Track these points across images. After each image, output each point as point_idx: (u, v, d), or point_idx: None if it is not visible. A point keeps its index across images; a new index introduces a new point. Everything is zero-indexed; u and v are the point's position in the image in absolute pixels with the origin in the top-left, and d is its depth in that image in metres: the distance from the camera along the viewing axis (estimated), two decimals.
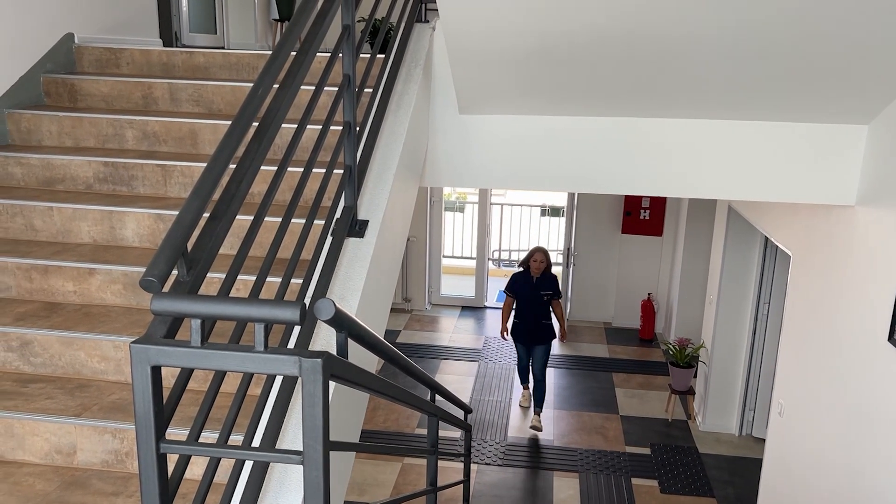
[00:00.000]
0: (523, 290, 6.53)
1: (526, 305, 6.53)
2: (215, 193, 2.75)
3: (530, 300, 6.49)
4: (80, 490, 2.01)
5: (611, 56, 2.95)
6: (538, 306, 6.50)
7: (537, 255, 6.43)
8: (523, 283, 6.53)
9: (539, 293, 6.46)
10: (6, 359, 2.39)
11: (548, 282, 6.51)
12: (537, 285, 6.47)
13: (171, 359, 1.18)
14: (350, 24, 2.36)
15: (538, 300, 6.47)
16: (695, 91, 3.25)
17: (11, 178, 3.12)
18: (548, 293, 6.49)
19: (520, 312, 6.60)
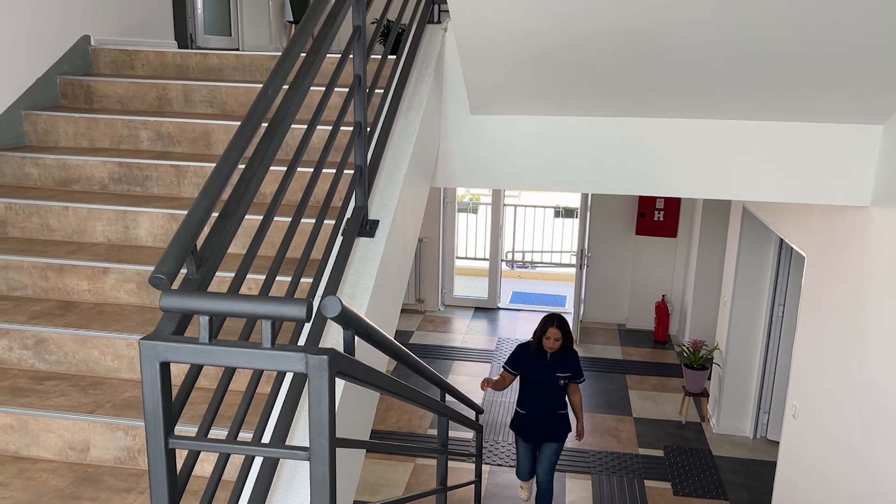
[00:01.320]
0: (532, 370, 4.83)
1: (535, 391, 4.87)
2: (225, 193, 2.78)
3: (542, 384, 4.83)
4: (92, 486, 2.04)
5: (624, 56, 2.95)
6: (552, 393, 4.85)
7: (552, 332, 4.70)
8: (532, 359, 4.83)
9: (554, 375, 4.81)
10: (22, 356, 2.42)
11: (567, 360, 4.84)
12: (553, 364, 4.81)
13: (179, 355, 1.19)
14: (361, 25, 2.37)
15: (553, 385, 4.83)
16: (709, 91, 3.23)
17: (28, 178, 3.16)
18: (565, 376, 4.84)
19: (526, 399, 4.93)
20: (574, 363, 4.86)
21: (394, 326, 2.78)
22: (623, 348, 8.33)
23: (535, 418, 4.90)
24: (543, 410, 4.86)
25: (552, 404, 4.88)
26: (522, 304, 9.79)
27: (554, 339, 4.70)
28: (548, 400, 4.85)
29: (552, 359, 4.79)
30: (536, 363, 4.81)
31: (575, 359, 4.87)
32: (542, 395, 4.85)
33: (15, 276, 2.66)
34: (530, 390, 4.88)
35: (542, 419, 4.88)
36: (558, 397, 4.89)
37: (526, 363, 4.86)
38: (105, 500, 1.97)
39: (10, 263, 2.66)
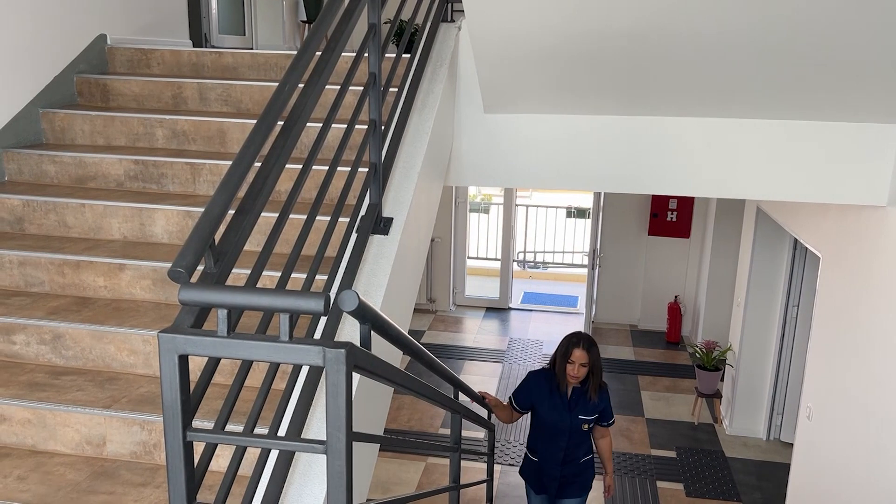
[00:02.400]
0: (547, 408, 3.75)
1: (550, 435, 3.79)
2: (241, 190, 2.79)
3: (559, 428, 3.75)
4: (109, 480, 2.05)
5: (639, 54, 2.94)
6: (573, 439, 3.78)
7: (577, 355, 3.60)
8: (548, 394, 3.75)
9: (577, 417, 3.73)
10: (39, 351, 2.45)
11: (591, 398, 3.73)
12: (575, 402, 3.73)
13: (198, 348, 1.20)
14: (376, 23, 2.38)
15: (574, 429, 3.75)
16: (724, 90, 3.22)
17: (45, 175, 3.18)
18: (589, 419, 3.76)
19: (539, 443, 3.86)
20: (603, 401, 3.75)
21: (407, 324, 2.79)
22: (635, 349, 8.30)
23: (551, 469, 3.83)
24: (561, 460, 3.79)
25: (573, 452, 3.80)
26: (534, 305, 9.77)
27: (579, 365, 3.56)
28: (567, 447, 3.77)
29: (575, 395, 3.69)
30: (552, 399, 3.70)
31: (605, 396, 3.76)
32: (558, 441, 3.75)
33: (32, 272, 2.69)
34: (544, 434, 3.78)
35: (558, 471, 3.82)
36: (581, 444, 3.80)
37: (539, 398, 3.74)
38: (121, 494, 1.98)
39: (27, 259, 2.68)
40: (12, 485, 2.01)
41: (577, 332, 3.68)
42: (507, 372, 7.70)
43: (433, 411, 6.74)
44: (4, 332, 2.44)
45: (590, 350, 3.59)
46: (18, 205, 2.94)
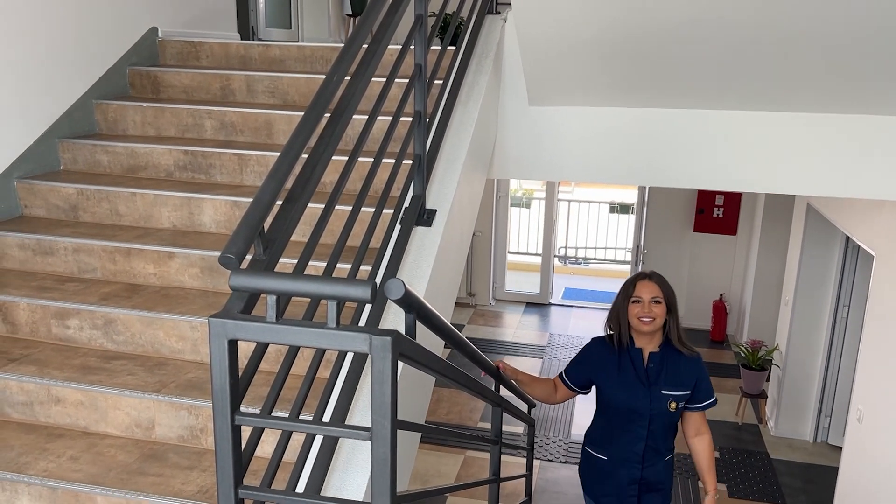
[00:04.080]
0: (613, 382, 2.83)
1: (624, 422, 2.83)
2: (289, 181, 2.82)
3: (636, 407, 2.79)
4: (157, 463, 2.10)
5: (689, 46, 2.89)
6: (656, 427, 2.81)
7: (644, 286, 2.75)
8: (614, 362, 2.83)
9: (659, 393, 2.77)
10: (91, 336, 2.51)
11: (679, 364, 2.80)
12: (656, 371, 2.79)
13: (247, 333, 1.21)
14: (422, 14, 2.38)
15: (657, 411, 2.78)
16: (776, 82, 3.14)
17: (98, 165, 3.26)
18: (680, 395, 2.79)
19: (607, 436, 2.90)
20: (694, 369, 2.76)
21: (449, 317, 2.79)
22: None
23: (627, 472, 2.83)
24: (641, 458, 2.81)
25: (656, 446, 2.81)
26: (575, 301, 9.70)
27: (650, 302, 2.66)
28: (648, 438, 2.79)
29: (655, 361, 2.75)
30: (623, 371, 2.76)
31: (697, 364, 2.78)
32: (636, 430, 2.78)
33: (86, 258, 2.76)
34: (615, 421, 2.81)
35: (637, 473, 2.83)
36: (668, 433, 2.82)
37: (604, 372, 2.81)
38: (169, 477, 2.03)
39: (81, 246, 2.76)
40: (66, 464, 2.07)
41: (646, 274, 2.80)
42: (546, 368, 7.66)
43: (472, 404, 6.75)
44: (59, 317, 2.52)
45: (661, 283, 2.73)
46: (73, 193, 3.02)
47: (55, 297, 2.56)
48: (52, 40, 3.24)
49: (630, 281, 2.79)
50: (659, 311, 2.71)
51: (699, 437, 2.89)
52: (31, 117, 3.17)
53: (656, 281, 2.75)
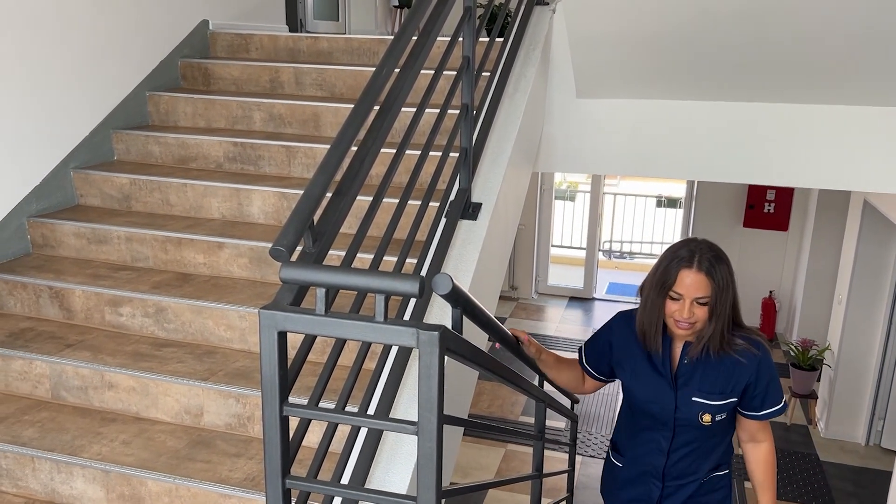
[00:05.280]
0: (633, 373, 2.22)
1: (646, 423, 2.23)
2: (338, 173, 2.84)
3: (657, 410, 2.18)
4: (205, 449, 2.14)
5: (742, 38, 2.81)
6: (683, 435, 2.18)
7: (689, 279, 1.96)
8: (637, 348, 2.19)
9: (688, 399, 2.12)
10: (143, 324, 2.57)
11: (724, 367, 2.09)
12: (687, 371, 2.12)
13: (296, 325, 1.22)
14: (472, 6, 2.36)
15: (683, 418, 2.14)
16: (832, 75, 3.04)
17: (151, 155, 3.33)
18: (713, 405, 2.10)
19: (631, 435, 2.32)
20: (746, 371, 2.07)
21: (493, 311, 2.78)
22: None
23: (642, 490, 2.27)
24: (661, 472, 2.22)
25: (685, 462, 2.19)
26: (619, 296, 9.59)
27: (691, 304, 1.97)
28: (672, 452, 2.19)
29: (686, 357, 2.10)
30: (645, 361, 2.16)
31: (751, 363, 2.07)
32: (657, 442, 2.20)
33: (138, 247, 2.82)
34: (639, 422, 2.24)
35: (657, 491, 2.25)
36: (702, 448, 2.18)
37: (624, 357, 2.21)
38: (217, 464, 2.07)
39: (133, 236, 2.82)
40: (118, 448, 2.13)
41: (690, 240, 2.02)
42: None
43: (514, 398, 6.73)
44: (112, 304, 2.58)
45: (713, 272, 1.93)
46: (126, 183, 3.09)
47: (109, 284, 2.63)
48: (109, 33, 3.31)
49: (671, 264, 1.96)
50: (703, 314, 1.99)
51: (754, 445, 2.19)
52: (88, 109, 3.24)
53: (706, 271, 1.93)
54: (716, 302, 1.98)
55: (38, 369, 2.38)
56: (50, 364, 2.36)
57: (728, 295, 2.00)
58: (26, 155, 2.94)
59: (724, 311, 2.01)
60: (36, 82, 2.96)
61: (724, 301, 2.00)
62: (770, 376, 2.09)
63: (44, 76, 2.99)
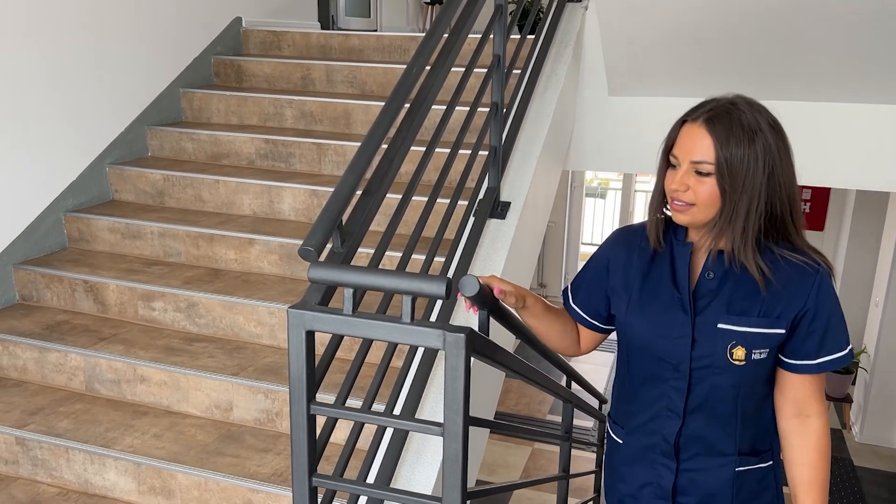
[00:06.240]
0: (634, 302, 1.51)
1: (649, 371, 1.51)
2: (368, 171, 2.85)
3: (667, 345, 1.45)
4: (234, 444, 2.17)
5: (781, 36, 2.76)
6: (701, 390, 1.45)
7: (689, 134, 1.38)
8: (641, 267, 1.51)
9: (713, 329, 1.42)
10: (175, 318, 2.61)
11: (770, 279, 1.38)
12: (711, 291, 1.43)
13: (324, 325, 1.23)
14: (503, 4, 2.35)
15: (708, 359, 1.43)
16: (872, 74, 2.97)
17: (184, 152, 3.37)
18: (753, 333, 1.40)
19: (624, 395, 1.62)
20: (800, 287, 1.41)
21: None
22: None
23: (644, 473, 1.58)
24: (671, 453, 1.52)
25: (709, 442, 1.50)
26: None
27: (688, 168, 1.38)
28: (687, 418, 1.49)
29: (712, 273, 1.45)
30: (651, 281, 1.51)
31: (805, 276, 1.41)
32: (667, 399, 1.50)
33: (171, 243, 2.86)
34: (638, 376, 1.56)
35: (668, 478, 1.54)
36: (734, 417, 1.48)
37: (621, 279, 1.56)
38: (245, 458, 2.09)
39: (167, 231, 2.86)
40: (149, 441, 2.16)
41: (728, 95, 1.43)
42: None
43: (541, 396, 6.70)
44: (145, 299, 2.62)
45: (718, 127, 1.35)
46: (160, 179, 3.13)
47: (142, 279, 2.67)
48: (144, 30, 3.36)
49: (680, 119, 1.45)
50: (706, 192, 1.35)
51: (801, 422, 1.48)
52: (123, 106, 3.30)
53: (707, 124, 1.36)
54: (725, 173, 1.32)
55: (73, 362, 2.42)
56: (84, 357, 2.41)
57: (756, 173, 1.32)
58: (63, 151, 3.00)
59: (751, 198, 1.33)
60: (73, 80, 3.01)
61: (744, 178, 1.32)
62: (832, 306, 1.41)
63: (81, 74, 3.05)
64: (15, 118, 2.77)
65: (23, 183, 2.83)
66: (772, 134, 1.36)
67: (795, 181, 1.40)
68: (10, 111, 2.76)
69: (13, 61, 2.75)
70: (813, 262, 1.42)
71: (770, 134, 1.35)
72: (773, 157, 1.35)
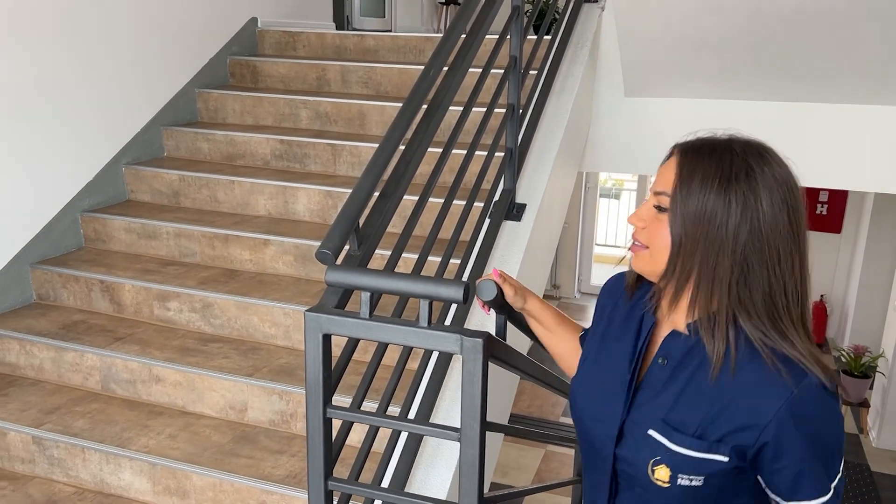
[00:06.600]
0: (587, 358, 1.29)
1: (587, 449, 1.24)
2: None
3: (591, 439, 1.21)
4: (249, 445, 2.17)
5: (797, 37, 2.73)
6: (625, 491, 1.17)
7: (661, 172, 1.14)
8: (612, 322, 1.28)
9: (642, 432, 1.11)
10: (190, 319, 2.61)
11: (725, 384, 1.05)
12: (659, 378, 1.12)
13: (341, 328, 1.22)
14: (520, 5, 2.34)
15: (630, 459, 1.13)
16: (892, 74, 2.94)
17: (199, 152, 3.38)
18: (682, 454, 1.06)
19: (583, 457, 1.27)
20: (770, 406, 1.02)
21: None
22: None
23: None
24: None
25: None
26: None
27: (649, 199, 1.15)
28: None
29: (665, 352, 1.13)
30: (611, 343, 1.25)
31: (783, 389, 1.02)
32: (597, 483, 1.22)
33: (186, 243, 2.87)
34: (581, 447, 1.28)
35: None
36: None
37: (592, 335, 1.33)
38: (260, 460, 2.09)
39: (182, 232, 2.87)
40: (165, 442, 2.17)
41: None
42: None
43: (554, 399, 6.68)
44: (161, 299, 2.63)
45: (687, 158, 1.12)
46: (175, 179, 3.14)
47: (158, 279, 2.68)
48: (160, 31, 3.37)
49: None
50: (658, 232, 1.12)
51: None
52: (139, 106, 3.31)
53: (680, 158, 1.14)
54: (678, 212, 1.06)
55: (89, 361, 2.43)
56: (100, 357, 2.42)
57: (723, 226, 1.04)
58: (81, 151, 3.01)
59: (712, 255, 1.05)
60: (90, 80, 3.03)
61: (707, 227, 1.04)
62: (808, 443, 1.04)
63: (97, 74, 3.06)
64: (31, 119, 2.79)
65: (40, 183, 2.85)
66: (769, 191, 1.05)
67: (799, 261, 1.09)
68: (27, 111, 2.77)
69: (31, 61, 2.76)
70: (797, 371, 1.02)
71: (764, 191, 1.05)
72: (757, 215, 1.04)
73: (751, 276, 1.05)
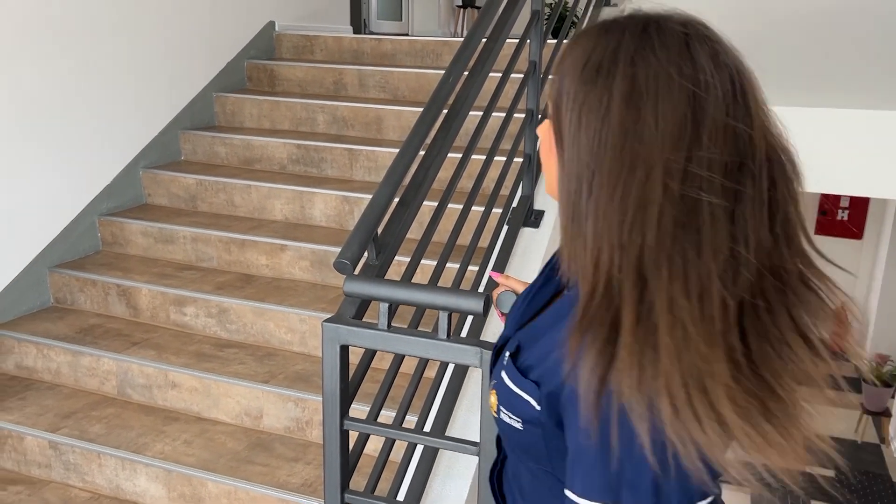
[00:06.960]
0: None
1: None
2: None
3: None
4: (264, 452, 2.15)
5: (823, 39, 2.69)
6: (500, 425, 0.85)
7: None
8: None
9: (499, 371, 0.86)
10: (206, 324, 2.61)
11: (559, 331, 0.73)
12: (516, 317, 0.93)
13: (359, 339, 1.21)
14: (539, 10, 2.32)
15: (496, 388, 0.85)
16: None
17: (217, 156, 3.38)
18: (513, 388, 0.81)
19: None
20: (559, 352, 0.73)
21: None
22: None
23: None
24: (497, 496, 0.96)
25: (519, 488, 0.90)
26: None
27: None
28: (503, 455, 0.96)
29: (528, 292, 0.94)
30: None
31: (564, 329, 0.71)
32: None
33: (203, 248, 2.87)
34: None
35: None
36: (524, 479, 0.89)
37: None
38: (275, 468, 2.07)
39: (199, 236, 2.86)
40: (180, 448, 2.16)
41: None
42: None
43: None
44: (177, 304, 2.62)
45: (576, 42, 0.75)
46: (192, 183, 3.14)
47: (174, 284, 2.68)
48: (179, 35, 3.38)
49: None
50: (544, 131, 0.80)
51: None
52: (157, 109, 3.31)
53: (572, 40, 0.77)
54: (552, 110, 0.77)
55: (106, 366, 2.43)
56: (117, 361, 2.41)
57: (585, 125, 0.71)
58: (99, 154, 3.02)
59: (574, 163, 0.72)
60: (108, 84, 3.03)
61: (570, 126, 0.73)
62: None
63: (115, 78, 3.07)
64: (51, 122, 2.80)
65: (59, 186, 2.86)
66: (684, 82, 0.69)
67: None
68: (47, 115, 2.78)
69: (49, 66, 2.77)
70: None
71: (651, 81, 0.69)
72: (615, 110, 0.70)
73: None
